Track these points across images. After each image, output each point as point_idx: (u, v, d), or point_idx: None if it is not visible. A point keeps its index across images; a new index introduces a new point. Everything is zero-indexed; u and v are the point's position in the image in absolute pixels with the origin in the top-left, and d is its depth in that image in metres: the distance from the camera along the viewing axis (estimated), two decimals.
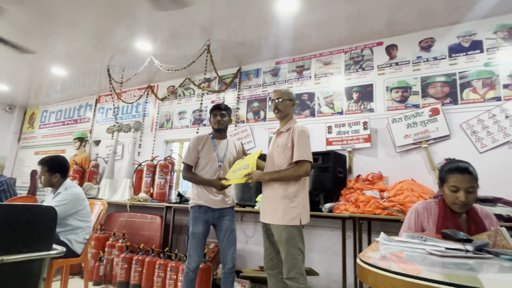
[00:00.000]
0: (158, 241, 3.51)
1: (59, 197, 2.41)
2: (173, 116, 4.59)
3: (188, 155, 2.42)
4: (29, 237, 1.33)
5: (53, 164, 2.48)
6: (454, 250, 1.00)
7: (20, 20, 3.37)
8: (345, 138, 3.20)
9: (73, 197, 2.43)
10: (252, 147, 3.76)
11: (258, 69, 4.02)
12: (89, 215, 2.61)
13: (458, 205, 1.45)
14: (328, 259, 3.02)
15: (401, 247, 1.10)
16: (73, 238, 2.41)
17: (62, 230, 2.40)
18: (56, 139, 6.01)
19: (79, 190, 2.53)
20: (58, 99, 6.16)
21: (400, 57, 3.15)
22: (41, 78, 5.13)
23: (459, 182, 1.43)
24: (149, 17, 3.21)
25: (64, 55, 4.22)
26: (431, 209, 1.58)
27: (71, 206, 2.41)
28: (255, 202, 3.06)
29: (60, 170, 2.50)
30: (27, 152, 6.43)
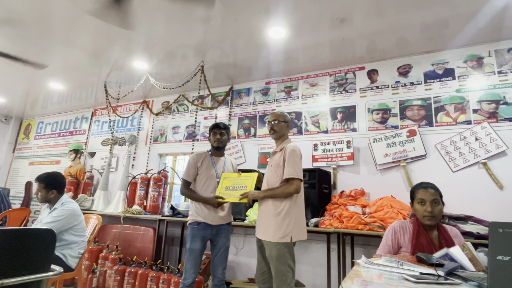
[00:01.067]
0: (151, 253, 3.47)
1: (55, 213, 2.38)
2: (167, 131, 4.59)
3: (187, 171, 2.42)
4: (29, 259, 1.32)
5: (50, 181, 2.46)
6: (427, 275, 1.05)
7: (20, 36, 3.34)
8: (330, 155, 3.27)
9: (69, 213, 2.41)
10: (242, 162, 3.79)
11: (249, 88, 4.08)
12: (84, 229, 2.58)
13: (427, 217, 1.60)
14: (313, 270, 3.04)
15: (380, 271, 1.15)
16: (68, 253, 2.38)
17: (57, 245, 2.36)
18: (52, 150, 5.90)
19: (75, 206, 2.51)
20: (55, 111, 6.07)
21: (380, 81, 3.26)
22: (38, 91, 5.06)
23: (424, 195, 1.63)
24: (145, 38, 3.23)
25: (62, 70, 4.18)
26: (406, 228, 1.69)
27: (67, 222, 2.39)
28: (245, 216, 3.08)
29: (57, 186, 2.47)
30: (21, 163, 6.27)
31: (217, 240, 2.37)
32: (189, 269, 2.27)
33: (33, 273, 1.33)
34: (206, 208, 2.33)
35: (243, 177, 2.30)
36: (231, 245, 3.47)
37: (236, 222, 3.04)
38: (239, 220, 3.08)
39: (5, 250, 1.25)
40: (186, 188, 2.41)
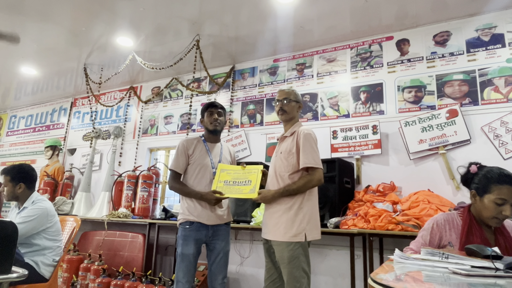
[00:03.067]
0: (140, 263, 3.46)
1: (24, 213, 2.35)
2: (158, 121, 4.57)
3: (176, 161, 2.33)
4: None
5: (17, 173, 2.43)
6: (482, 269, 0.95)
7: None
8: (352, 144, 3.18)
9: (41, 213, 2.37)
10: (247, 155, 3.73)
11: (253, 68, 4.01)
12: (60, 233, 2.54)
13: (498, 220, 1.40)
14: (334, 282, 2.96)
15: (419, 266, 1.06)
16: (40, 260, 2.35)
17: (28, 251, 2.34)
18: (26, 148, 5.99)
19: (48, 204, 2.48)
20: (29, 102, 6.16)
21: (412, 52, 3.16)
22: (9, 78, 5.11)
23: (507, 194, 1.36)
24: (131, 9, 3.20)
25: (35, 52, 4.21)
26: (454, 221, 1.53)
27: (39, 223, 2.35)
28: (251, 217, 3.01)
29: (25, 179, 2.44)
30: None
31: (214, 244, 2.29)
32: (181, 278, 2.20)
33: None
34: (200, 205, 2.25)
35: (246, 171, 2.23)
36: (235, 253, 3.41)
37: (241, 225, 2.97)
38: (244, 223, 3.01)
39: None
40: (176, 181, 2.32)
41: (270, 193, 2.02)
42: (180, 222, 2.29)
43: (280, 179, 2.07)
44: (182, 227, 2.27)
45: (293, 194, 1.99)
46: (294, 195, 1.99)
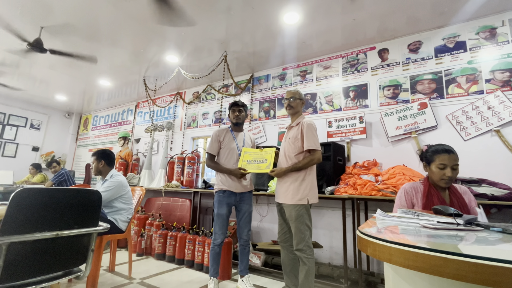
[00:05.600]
0: (188, 220, 3.52)
1: (106, 184, 2.43)
2: (198, 117, 4.59)
3: (211, 146, 2.36)
4: (79, 215, 1.33)
5: (100, 154, 2.53)
6: (446, 224, 0.91)
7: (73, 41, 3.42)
8: (344, 131, 3.09)
9: (117, 184, 2.45)
10: (264, 141, 3.71)
11: (267, 75, 3.94)
12: (131, 199, 2.62)
13: (445, 180, 1.41)
14: (330, 234, 2.94)
15: (396, 222, 1.02)
16: (118, 218, 2.44)
17: (109, 211, 2.43)
18: (105, 139, 6.13)
19: (122, 178, 2.55)
20: (106, 106, 6.28)
21: (391, 59, 3.00)
22: (92, 89, 5.23)
23: (446, 160, 1.40)
24: (176, 34, 3.18)
25: (109, 69, 4.28)
26: (418, 188, 1.52)
27: (116, 191, 2.43)
28: (267, 187, 3.01)
29: (105, 158, 2.52)
30: (82, 150, 6.61)
31: (241, 206, 2.32)
32: (217, 231, 2.25)
33: (83, 227, 1.34)
34: (230, 178, 2.28)
35: (263, 152, 2.22)
36: (256, 213, 3.44)
37: (260, 192, 2.99)
38: (262, 191, 3.01)
39: (60, 207, 1.27)
40: (211, 161, 2.36)
41: (282, 169, 2.01)
42: (215, 190, 2.32)
43: (289, 158, 2.05)
44: (217, 194, 2.30)
45: (298, 170, 1.97)
46: (299, 170, 1.97)
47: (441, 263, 0.54)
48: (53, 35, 3.24)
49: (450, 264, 0.53)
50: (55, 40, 3.35)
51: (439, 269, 0.55)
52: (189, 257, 2.96)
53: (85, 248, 1.39)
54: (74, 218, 1.30)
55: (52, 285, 1.90)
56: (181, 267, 2.94)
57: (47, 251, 1.25)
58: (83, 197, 1.35)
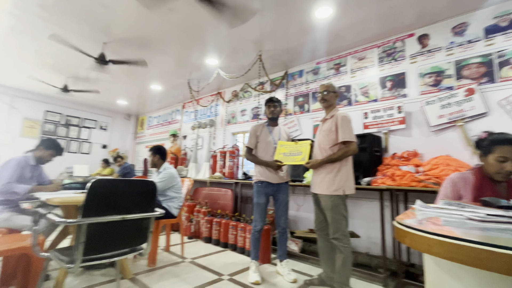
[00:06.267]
0: (230, 208, 3.65)
1: (160, 175, 2.64)
2: (237, 114, 4.68)
3: (249, 140, 2.41)
4: (140, 202, 1.48)
5: (154, 149, 2.75)
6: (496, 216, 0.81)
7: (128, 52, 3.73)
8: (381, 121, 2.89)
9: (169, 176, 2.65)
10: (299, 134, 3.65)
11: (301, 70, 3.85)
12: (181, 188, 2.81)
13: (502, 175, 1.20)
14: (367, 225, 2.80)
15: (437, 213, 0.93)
16: (171, 205, 2.64)
17: (163, 199, 2.64)
18: (158, 136, 6.60)
19: (173, 170, 2.75)
20: (157, 107, 6.72)
21: (432, 44, 2.70)
22: (145, 93, 5.65)
23: (508, 152, 1.19)
24: (214, 39, 3.28)
25: (158, 75, 4.57)
26: (467, 179, 1.31)
27: (168, 182, 2.63)
28: (303, 177, 2.97)
29: (159, 153, 2.74)
30: (140, 146, 7.23)
31: (278, 196, 2.34)
32: (257, 218, 2.30)
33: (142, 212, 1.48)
34: (267, 170, 2.30)
35: (298, 145, 2.20)
36: (293, 202, 3.43)
37: (296, 183, 2.96)
38: (298, 182, 2.99)
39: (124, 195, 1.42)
40: (250, 154, 2.40)
41: (317, 161, 1.97)
42: (254, 181, 2.37)
43: (324, 150, 1.99)
44: (256, 184, 2.34)
45: (333, 161, 1.91)
46: (334, 162, 1.91)
47: (488, 257, 0.49)
48: (112, 48, 3.58)
49: (498, 257, 0.47)
50: (115, 52, 3.69)
51: (486, 263, 0.49)
52: (232, 241, 3.08)
53: (145, 230, 1.54)
54: (136, 204, 1.45)
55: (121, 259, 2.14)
56: (225, 250, 3.09)
57: (116, 231, 1.41)
58: (142, 187, 1.49)
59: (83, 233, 1.27)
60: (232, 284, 2.11)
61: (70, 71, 4.56)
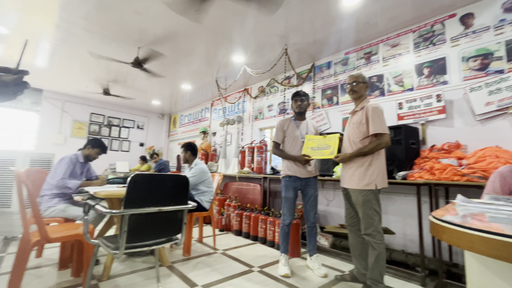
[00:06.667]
0: (259, 202, 3.69)
1: (192, 171, 2.77)
2: (264, 109, 4.69)
3: (276, 135, 2.40)
4: (174, 195, 1.57)
5: (186, 145, 2.88)
6: None
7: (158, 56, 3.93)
8: (417, 112, 2.70)
9: (201, 171, 2.76)
10: (328, 128, 3.55)
11: (329, 62, 3.72)
12: (212, 183, 2.92)
13: None
14: (403, 221, 2.65)
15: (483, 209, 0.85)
16: (203, 198, 2.75)
17: (195, 193, 2.76)
18: (189, 134, 6.88)
19: (204, 166, 2.85)
20: (188, 106, 7.00)
21: (478, 24, 2.43)
22: (177, 93, 5.91)
23: None
24: (240, 36, 3.30)
25: (188, 75, 4.75)
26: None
27: (200, 177, 2.74)
28: (332, 172, 2.90)
29: (190, 149, 2.86)
30: (173, 144, 7.61)
31: (306, 191, 2.31)
32: (286, 212, 2.30)
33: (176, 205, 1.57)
34: (295, 164, 2.28)
35: (326, 139, 2.14)
36: (323, 197, 3.36)
37: (326, 177, 2.90)
38: (328, 176, 2.92)
39: (160, 189, 1.52)
40: (277, 149, 2.39)
41: (346, 155, 1.91)
42: (282, 175, 2.37)
43: (353, 144, 1.92)
44: (284, 179, 2.34)
45: (364, 155, 1.83)
46: (365, 155, 1.83)
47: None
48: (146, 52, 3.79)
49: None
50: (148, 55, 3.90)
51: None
52: (262, 234, 3.13)
53: (179, 221, 1.63)
54: (170, 197, 1.54)
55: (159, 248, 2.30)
56: (255, 242, 3.14)
57: (154, 222, 1.52)
58: (176, 181, 1.58)
59: (126, 222, 1.39)
60: (263, 276, 2.15)
61: (110, 76, 4.94)
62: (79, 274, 2.04)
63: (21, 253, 1.61)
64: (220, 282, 2.00)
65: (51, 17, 3.07)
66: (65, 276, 2.05)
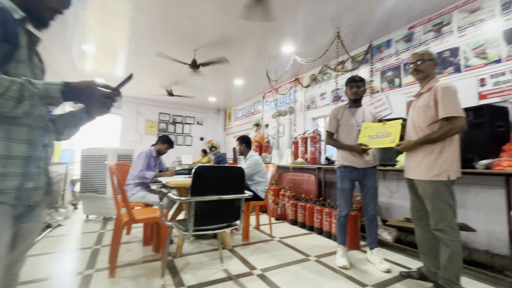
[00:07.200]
0: (314, 192, 3.65)
1: (247, 162, 2.91)
2: (316, 98, 4.55)
3: (329, 124, 2.32)
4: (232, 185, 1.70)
5: (241, 139, 3.03)
6: None
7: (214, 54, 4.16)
8: (506, 88, 2.23)
9: (255, 162, 2.88)
10: (388, 113, 3.25)
11: (389, 40, 3.35)
12: (266, 174, 3.02)
13: None
14: (486, 217, 2.27)
15: None
16: (258, 188, 2.87)
17: (251, 183, 2.90)
18: (243, 127, 7.16)
19: (258, 157, 2.97)
20: (241, 100, 7.27)
21: None
22: (230, 88, 6.19)
23: None
24: (289, 26, 3.25)
25: (240, 70, 4.91)
26: None
27: (254, 168, 2.87)
28: (395, 161, 2.66)
29: (245, 142, 3.01)
30: (229, 137, 8.05)
31: (365, 181, 2.19)
32: (342, 203, 2.23)
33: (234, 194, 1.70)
34: (351, 154, 2.17)
35: (387, 126, 1.97)
36: (385, 189, 3.13)
37: (387, 167, 2.69)
38: (390, 166, 2.69)
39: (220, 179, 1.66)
40: (331, 139, 2.31)
41: (410, 143, 1.73)
42: (337, 166, 2.30)
43: (419, 130, 1.73)
44: (339, 169, 2.27)
45: (433, 142, 1.63)
46: (434, 142, 1.63)
47: None
48: (201, 54, 4.08)
49: None
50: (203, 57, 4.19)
51: None
52: (317, 225, 3.11)
53: (238, 209, 1.77)
54: (229, 187, 1.68)
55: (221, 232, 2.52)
56: (311, 233, 3.15)
57: (215, 209, 1.68)
58: (233, 172, 1.71)
59: (193, 208, 1.58)
60: (319, 266, 2.16)
61: (172, 78, 5.49)
62: (158, 250, 2.41)
63: (116, 230, 1.99)
64: (277, 268, 2.10)
65: (123, 32, 3.57)
66: (148, 251, 2.45)
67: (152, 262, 2.18)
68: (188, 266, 2.09)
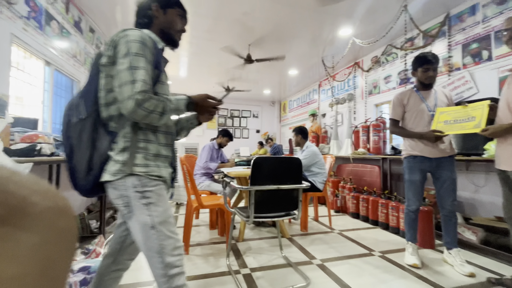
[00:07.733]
0: (378, 185, 3.40)
1: (304, 153, 2.91)
2: (379, 82, 4.16)
3: (393, 111, 2.09)
4: (289, 175, 1.74)
5: (297, 130, 3.04)
6: None
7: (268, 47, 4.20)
8: None
9: (312, 153, 2.85)
10: (473, 94, 2.75)
11: (473, 6, 2.80)
12: (324, 165, 2.96)
13: None
14: None
15: None
16: (316, 179, 2.85)
17: (309, 174, 2.89)
18: (299, 117, 7.09)
19: (315, 148, 2.93)
20: (295, 91, 7.18)
21: None
22: (284, 79, 6.18)
23: None
24: (346, 6, 3.04)
25: (294, 59, 4.84)
26: None
27: (312, 159, 2.85)
28: (483, 150, 2.26)
29: (301, 133, 3.00)
30: (285, 128, 8.07)
31: (439, 173, 1.93)
32: (411, 197, 2.02)
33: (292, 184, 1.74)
34: (421, 142, 1.93)
35: (468, 108, 1.69)
36: (468, 182, 2.70)
37: (472, 157, 2.31)
38: (475, 155, 2.31)
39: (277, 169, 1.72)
40: (395, 127, 2.08)
41: (502, 127, 1.46)
42: (404, 156, 2.09)
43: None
44: (406, 160, 2.06)
45: None
46: None
47: None
48: (255, 47, 4.18)
49: None
50: (257, 50, 4.28)
51: None
52: (383, 219, 2.90)
53: (295, 198, 1.80)
54: (286, 177, 1.73)
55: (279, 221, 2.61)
56: (375, 227, 2.96)
57: (274, 198, 1.75)
58: (290, 163, 1.75)
59: (253, 196, 1.69)
60: (384, 261, 2.04)
61: (228, 75, 5.79)
62: (223, 234, 2.65)
63: (188, 214, 2.28)
64: (337, 260, 2.07)
65: (186, 36, 3.92)
66: (214, 234, 2.72)
67: (218, 244, 2.42)
68: (250, 250, 2.25)
